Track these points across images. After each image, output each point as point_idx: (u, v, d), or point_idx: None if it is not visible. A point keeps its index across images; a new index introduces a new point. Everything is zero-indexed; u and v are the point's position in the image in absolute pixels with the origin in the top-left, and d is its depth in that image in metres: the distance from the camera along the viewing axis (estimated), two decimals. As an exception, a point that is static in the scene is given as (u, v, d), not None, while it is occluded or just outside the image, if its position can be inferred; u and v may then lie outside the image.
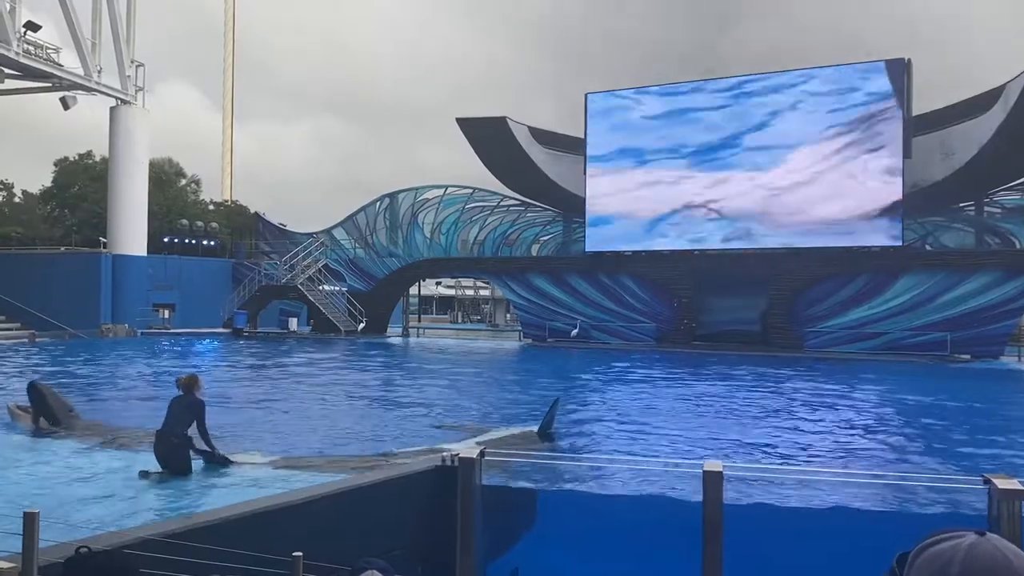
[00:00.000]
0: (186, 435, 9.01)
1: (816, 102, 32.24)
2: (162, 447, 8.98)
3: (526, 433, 11.85)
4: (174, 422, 9.06)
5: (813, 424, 14.22)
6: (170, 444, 8.96)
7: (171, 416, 9.14)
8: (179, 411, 9.14)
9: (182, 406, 9.17)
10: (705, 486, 6.38)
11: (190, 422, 9.04)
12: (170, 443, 8.96)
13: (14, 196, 60.70)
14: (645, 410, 16.03)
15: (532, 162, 37.55)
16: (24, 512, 3.80)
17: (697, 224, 34.24)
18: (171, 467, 8.86)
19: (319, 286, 41.06)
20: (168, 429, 9.03)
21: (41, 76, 35.66)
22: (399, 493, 7.20)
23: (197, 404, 9.19)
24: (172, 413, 9.16)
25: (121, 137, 39.85)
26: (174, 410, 9.18)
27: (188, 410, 9.12)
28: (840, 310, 31.97)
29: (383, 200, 42.79)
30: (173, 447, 8.95)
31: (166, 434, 9.01)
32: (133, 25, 40.32)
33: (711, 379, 22.07)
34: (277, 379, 21.16)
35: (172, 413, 9.16)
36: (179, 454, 8.96)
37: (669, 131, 34.88)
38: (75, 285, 37.67)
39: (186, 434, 9.02)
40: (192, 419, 9.06)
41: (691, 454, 10.66)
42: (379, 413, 15.00)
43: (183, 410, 9.13)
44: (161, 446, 8.99)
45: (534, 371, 24.63)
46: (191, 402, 9.19)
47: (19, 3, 33.50)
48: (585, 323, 35.79)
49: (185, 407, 9.15)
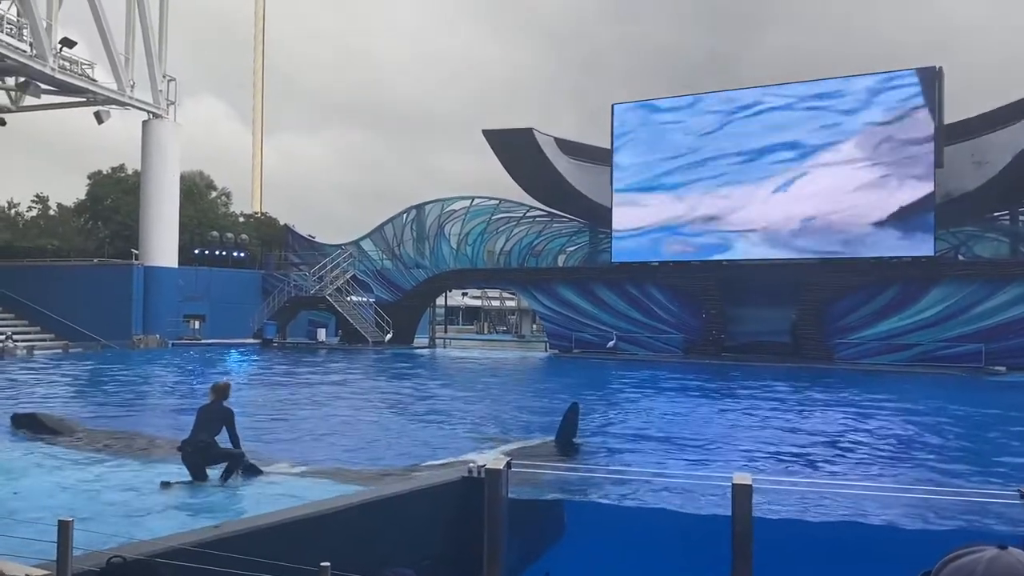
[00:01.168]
0: (211, 441, 9.05)
1: (845, 111, 31.96)
2: (188, 455, 9.05)
3: (546, 444, 11.80)
4: (200, 429, 9.10)
5: (850, 435, 14.04)
6: (197, 449, 9.03)
7: (199, 424, 9.18)
8: (207, 418, 9.18)
9: (211, 413, 9.21)
10: (734, 499, 6.31)
11: (218, 430, 9.09)
12: (199, 447, 9.03)
13: (49, 209, 61.83)
14: (675, 421, 15.92)
15: (558, 173, 37.58)
16: (58, 520, 3.85)
17: (725, 234, 34.03)
18: (196, 474, 8.94)
19: (347, 297, 41.33)
20: (194, 437, 9.08)
21: (76, 91, 36.32)
22: (426, 504, 7.20)
23: (226, 412, 9.24)
24: (200, 421, 9.21)
25: (153, 150, 40.45)
26: (202, 417, 9.22)
27: (217, 417, 9.16)
28: (871, 321, 31.58)
29: (410, 211, 43.02)
30: (199, 451, 9.02)
31: (191, 441, 9.07)
32: (165, 40, 40.98)
33: (742, 390, 21.86)
34: (306, 389, 21.29)
35: (200, 421, 9.21)
36: (199, 459, 9.01)
37: (696, 141, 34.74)
38: (108, 296, 38.20)
39: (211, 440, 9.05)
40: (220, 427, 9.10)
41: (722, 466, 10.56)
42: (405, 423, 15.04)
43: (212, 417, 9.17)
44: (187, 454, 9.06)
45: (560, 382, 24.55)
46: (220, 410, 9.24)
47: (55, 20, 34.19)
48: (626, 335, 35.53)
49: (214, 415, 9.19)
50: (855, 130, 31.68)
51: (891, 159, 31.08)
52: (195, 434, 9.11)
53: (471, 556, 6.75)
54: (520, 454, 10.57)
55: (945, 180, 30.80)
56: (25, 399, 17.80)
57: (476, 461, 8.11)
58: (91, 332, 36.28)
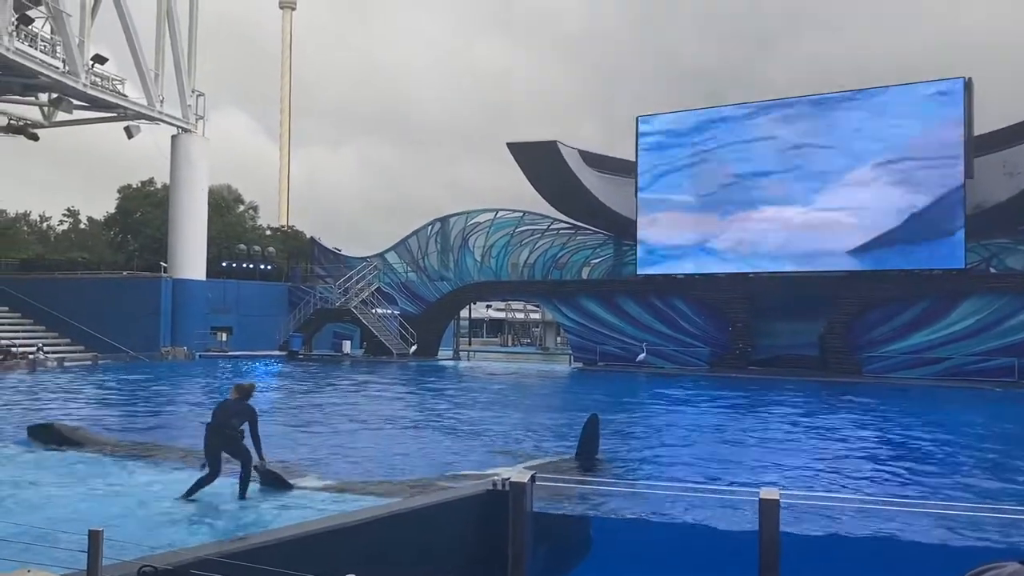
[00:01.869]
0: (241, 430, 8.96)
1: (874, 122, 31.67)
2: (216, 439, 8.92)
3: (569, 459, 11.74)
4: (227, 418, 9.01)
5: (881, 450, 13.86)
6: (224, 436, 8.92)
7: (221, 417, 9.06)
8: (230, 413, 9.08)
9: (234, 410, 9.10)
10: (761, 515, 6.25)
11: (243, 422, 9.02)
12: (224, 435, 8.92)
13: (80, 223, 62.91)
14: (701, 435, 15.80)
15: (583, 186, 37.57)
16: (89, 530, 3.90)
17: (752, 246, 33.79)
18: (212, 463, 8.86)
19: (372, 309, 41.54)
20: (221, 422, 8.96)
21: (107, 107, 36.93)
22: (451, 517, 7.19)
23: (251, 410, 9.16)
24: (222, 415, 9.09)
25: (182, 164, 41.00)
26: (225, 412, 9.11)
27: (240, 414, 9.06)
28: (900, 334, 31.20)
29: (434, 224, 43.20)
30: (228, 438, 8.92)
31: (219, 427, 8.94)
32: (194, 56, 41.59)
33: (771, 403, 21.66)
34: (331, 402, 21.39)
35: (222, 415, 9.09)
36: (235, 444, 8.94)
37: (721, 152, 34.60)
38: (136, 309, 38.68)
39: (241, 429, 8.97)
40: (245, 420, 9.02)
41: (750, 481, 10.45)
42: (429, 436, 15.04)
43: (234, 413, 9.06)
44: (215, 438, 8.92)
45: (586, 396, 24.47)
46: (244, 408, 9.14)
47: (88, 38, 34.82)
48: (656, 348, 35.32)
49: (239, 411, 9.08)
50: (884, 141, 31.37)
51: (921, 170, 30.73)
52: (219, 421, 9.00)
53: (496, 569, 6.73)
54: (545, 468, 10.54)
55: (975, 192, 30.43)
56: (53, 409, 18.05)
57: (501, 474, 8.10)
58: (120, 344, 36.74)
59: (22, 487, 9.41)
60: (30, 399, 20.27)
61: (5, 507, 8.26)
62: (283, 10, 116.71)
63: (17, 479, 9.82)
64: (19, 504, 8.51)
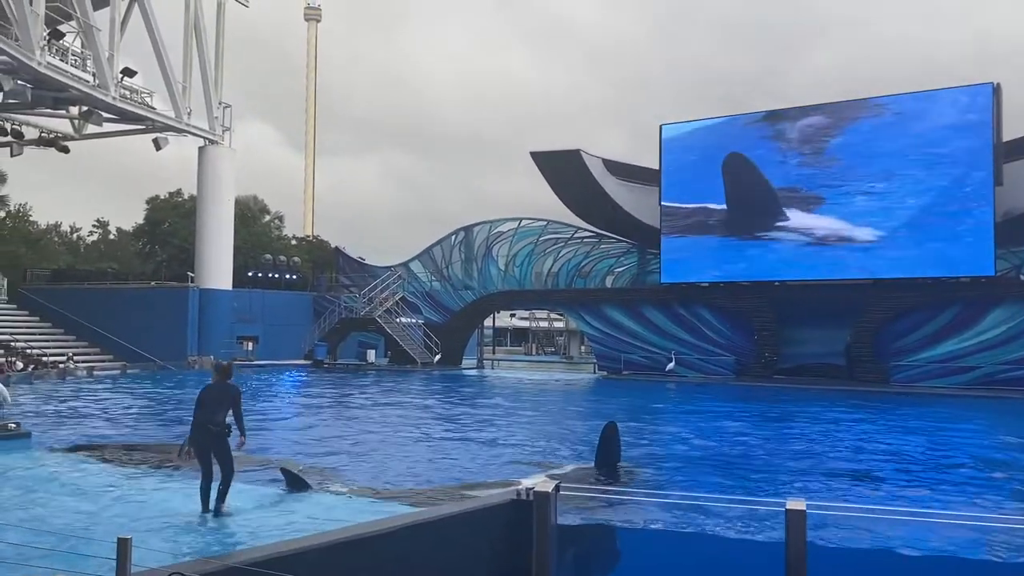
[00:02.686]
0: (226, 423, 8.69)
1: (900, 129, 31.35)
2: (202, 437, 8.65)
3: (588, 468, 11.69)
4: (212, 411, 8.69)
5: (913, 461, 13.68)
6: (210, 433, 8.64)
7: (207, 405, 8.75)
8: (218, 399, 8.77)
9: (220, 394, 8.81)
10: (787, 526, 6.20)
11: (228, 409, 8.75)
12: (209, 432, 8.63)
13: (109, 234, 63.82)
14: (729, 444, 15.67)
15: (606, 194, 37.51)
16: (118, 538, 3.95)
17: (777, 254, 33.52)
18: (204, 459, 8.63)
19: (396, 318, 41.72)
20: (207, 418, 8.66)
21: (136, 119, 37.45)
22: (474, 527, 7.19)
23: (234, 390, 8.90)
24: (208, 402, 8.78)
25: (208, 176, 41.47)
26: (211, 398, 8.80)
27: (226, 397, 8.78)
28: (929, 343, 30.81)
29: (458, 233, 43.33)
30: (214, 436, 8.64)
31: (204, 424, 8.65)
32: (220, 68, 42.10)
33: (798, 412, 21.46)
34: (356, 410, 21.49)
35: (208, 402, 8.78)
36: (221, 443, 8.67)
37: (745, 160, 34.40)
38: (164, 318, 39.13)
39: (226, 422, 8.69)
40: (230, 406, 8.77)
41: (778, 491, 10.36)
42: (453, 445, 15.05)
43: (222, 399, 8.77)
44: (200, 436, 8.66)
45: (610, 405, 24.38)
46: (228, 388, 8.88)
47: (117, 51, 35.36)
48: (681, 357, 35.10)
49: (223, 395, 8.81)
50: (910, 148, 31.03)
51: (948, 177, 30.38)
52: (206, 415, 8.67)
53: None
54: (566, 477, 10.52)
55: (1005, 198, 30.00)
56: (86, 417, 18.30)
57: (524, 484, 8.09)
58: (148, 353, 37.16)
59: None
60: (82, 405, 20.55)
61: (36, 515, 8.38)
62: (308, 22, 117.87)
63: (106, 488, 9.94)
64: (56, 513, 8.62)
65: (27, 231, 56.06)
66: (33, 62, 29.05)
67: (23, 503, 8.91)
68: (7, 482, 10.19)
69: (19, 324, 38.85)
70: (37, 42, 29.42)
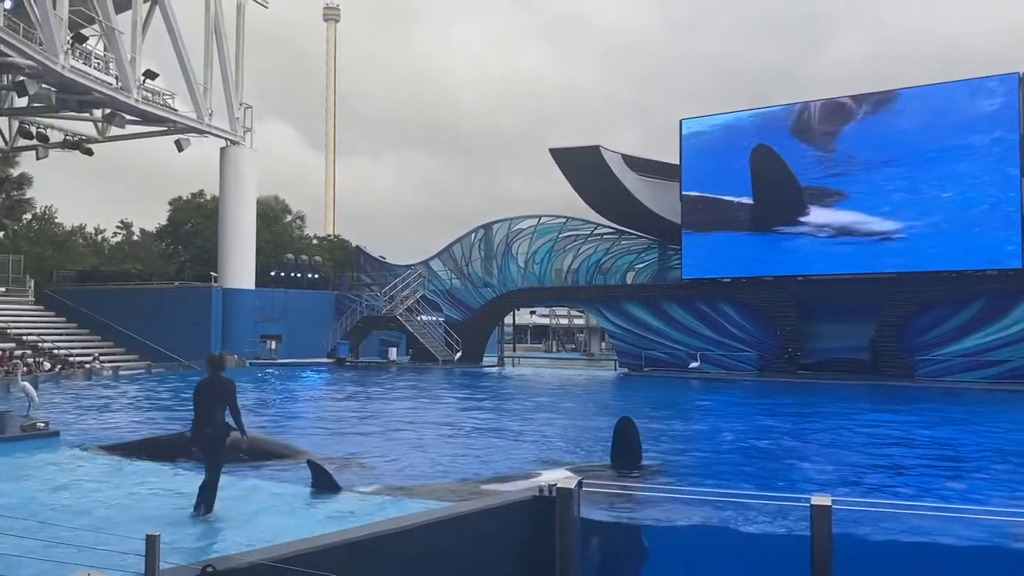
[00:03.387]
0: (224, 423, 8.39)
1: (924, 121, 30.99)
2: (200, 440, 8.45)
3: (603, 465, 11.61)
4: (209, 409, 8.39)
5: (944, 456, 13.55)
6: (205, 435, 8.38)
7: (204, 404, 8.45)
8: (211, 396, 8.44)
9: (216, 389, 8.47)
10: (813, 521, 6.15)
11: (224, 406, 8.43)
12: (205, 434, 8.38)
13: (133, 235, 64.45)
14: (754, 440, 15.58)
15: (626, 190, 37.36)
16: (146, 535, 3.99)
17: (799, 248, 33.25)
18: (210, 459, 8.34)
19: (417, 316, 41.84)
20: (203, 418, 8.37)
21: (158, 121, 37.80)
22: (496, 523, 7.20)
23: (229, 384, 8.50)
24: (204, 400, 8.47)
25: (230, 176, 41.77)
26: (208, 395, 8.47)
27: (222, 392, 8.44)
28: (955, 337, 30.46)
29: (478, 231, 43.37)
30: (209, 437, 8.38)
31: (200, 425, 8.40)
32: (241, 69, 42.40)
33: (822, 407, 21.31)
34: (379, 407, 21.58)
35: (204, 400, 8.47)
36: (217, 445, 8.38)
37: (771, 152, 34.13)
38: (188, 318, 39.50)
39: (224, 422, 8.39)
40: (226, 405, 8.43)
41: (808, 486, 10.28)
42: (475, 442, 15.08)
43: (218, 395, 8.43)
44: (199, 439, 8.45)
45: (632, 401, 24.32)
46: (223, 383, 8.51)
47: (139, 54, 35.70)
48: (704, 354, 34.93)
49: (220, 390, 8.46)
50: (934, 139, 30.67)
51: (973, 168, 30.00)
52: (203, 415, 8.39)
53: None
54: (588, 474, 10.49)
55: (1031, 189, 29.58)
56: (113, 416, 18.52)
57: (544, 477, 8.09)
58: (172, 352, 37.50)
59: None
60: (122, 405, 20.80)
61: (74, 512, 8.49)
62: (327, 22, 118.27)
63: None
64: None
65: (53, 233, 56.78)
66: (57, 66, 29.39)
67: (52, 501, 9.03)
68: (37, 480, 10.33)
69: (46, 325, 39.35)
70: (61, 46, 29.76)
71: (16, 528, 6.42)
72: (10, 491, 9.48)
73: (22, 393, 17.63)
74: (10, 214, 52.11)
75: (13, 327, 36.46)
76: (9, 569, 5.60)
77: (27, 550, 6.09)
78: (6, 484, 9.91)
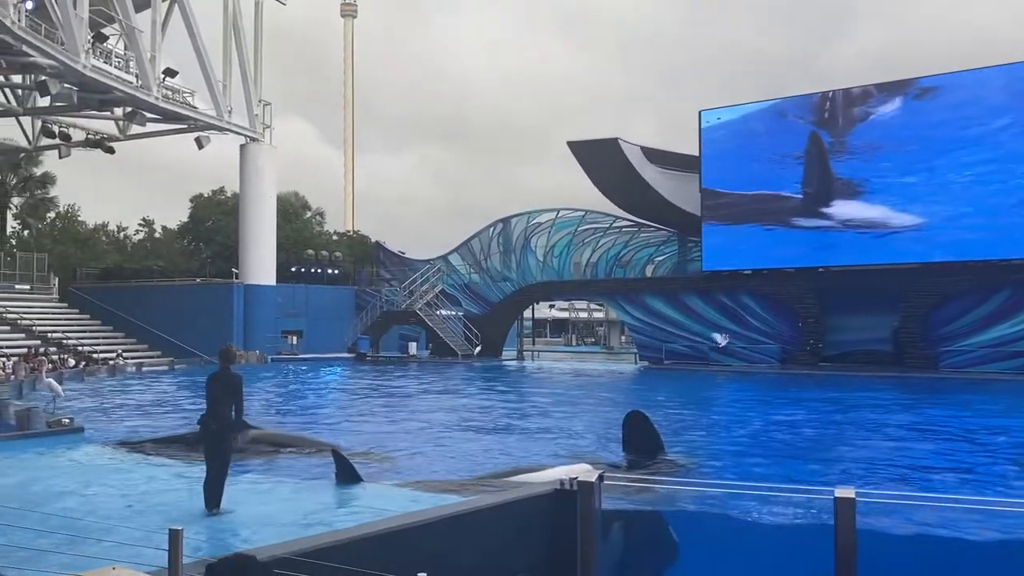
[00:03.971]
0: (229, 418, 8.28)
1: (947, 109, 30.58)
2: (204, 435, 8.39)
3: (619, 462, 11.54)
4: (217, 403, 8.29)
5: (969, 449, 13.40)
6: (210, 431, 8.28)
7: (212, 397, 8.36)
8: (221, 389, 8.33)
9: (226, 384, 8.36)
10: (836, 513, 6.09)
11: (231, 402, 8.30)
12: (210, 429, 8.28)
13: (154, 232, 64.93)
14: (778, 432, 15.48)
15: (645, 182, 37.19)
16: (169, 529, 4.01)
17: (820, 239, 32.94)
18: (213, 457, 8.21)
19: (436, 311, 41.92)
20: (209, 413, 8.30)
21: (178, 119, 38.03)
22: (518, 516, 7.19)
23: (237, 379, 8.43)
24: (213, 393, 8.37)
25: (250, 173, 42.01)
26: (218, 389, 8.35)
27: (230, 386, 8.34)
28: (980, 327, 30.09)
29: (496, 225, 43.35)
30: (213, 433, 8.27)
31: (206, 421, 8.33)
32: (260, 67, 42.60)
33: (847, 400, 21.12)
34: (400, 401, 21.65)
35: (213, 393, 8.37)
36: (221, 441, 8.24)
37: (787, 145, 33.85)
38: (210, 314, 39.81)
39: (229, 416, 8.28)
40: (232, 401, 8.30)
41: (838, 479, 10.19)
42: (495, 437, 15.08)
43: (228, 389, 8.32)
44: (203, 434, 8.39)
45: (653, 395, 24.23)
46: (232, 377, 8.42)
47: (158, 52, 35.93)
48: (717, 347, 34.77)
49: (229, 384, 8.35)
50: (961, 127, 30.24)
51: (997, 156, 29.54)
52: (210, 410, 8.31)
53: (565, 570, 6.70)
54: (603, 467, 10.44)
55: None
56: (137, 412, 18.69)
57: (558, 470, 8.07)
58: (194, 348, 37.80)
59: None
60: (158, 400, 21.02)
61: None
62: (344, 18, 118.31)
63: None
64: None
65: (76, 231, 57.34)
66: (78, 65, 29.62)
67: (77, 495, 9.12)
68: (62, 474, 10.44)
69: (70, 322, 39.81)
70: (82, 45, 29.98)
71: (40, 523, 6.48)
72: (35, 486, 9.58)
73: (47, 390, 17.84)
74: (34, 213, 52.73)
75: (38, 324, 36.90)
76: (34, 563, 5.65)
77: (51, 544, 6.15)
78: (31, 479, 10.02)
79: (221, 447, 8.28)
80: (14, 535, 5.59)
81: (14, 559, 5.83)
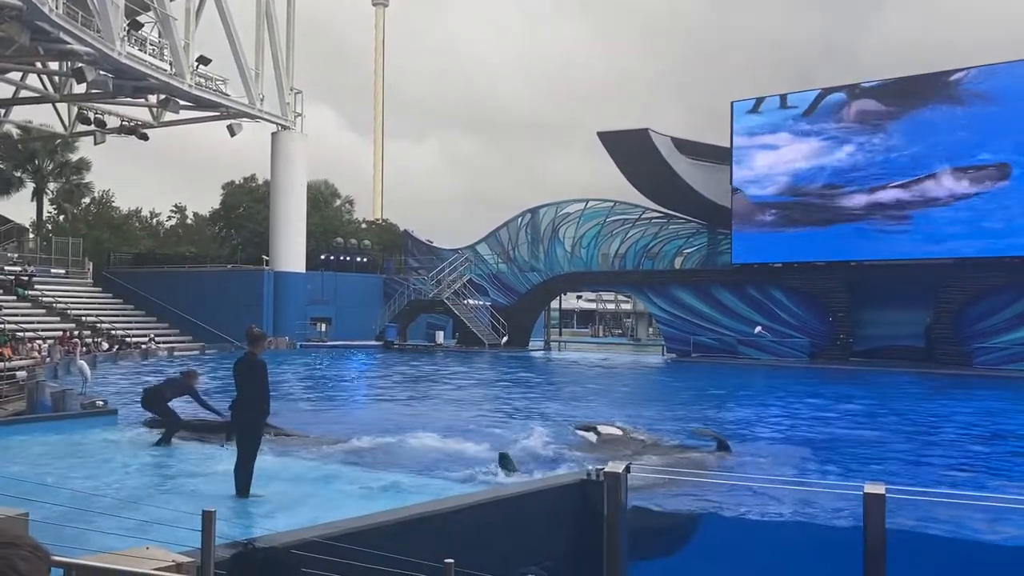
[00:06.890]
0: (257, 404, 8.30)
1: (980, 102, 30.04)
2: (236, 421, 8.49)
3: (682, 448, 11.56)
4: (244, 389, 8.34)
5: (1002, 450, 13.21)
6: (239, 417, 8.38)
7: (239, 384, 8.41)
8: (245, 375, 8.38)
9: (253, 368, 8.38)
10: (865, 510, 6.04)
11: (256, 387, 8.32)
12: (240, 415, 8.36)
13: (187, 218, 65.69)
14: (810, 427, 15.35)
15: (676, 173, 36.90)
16: (203, 511, 4.07)
17: (852, 233, 32.53)
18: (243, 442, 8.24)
19: (464, 300, 42.01)
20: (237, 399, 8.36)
21: (211, 106, 38.40)
22: (545, 505, 7.22)
23: (263, 365, 8.43)
24: (239, 380, 8.42)
25: (281, 161, 42.31)
26: (241, 374, 8.41)
27: (254, 372, 8.34)
28: (1014, 324, 29.58)
29: (524, 215, 43.31)
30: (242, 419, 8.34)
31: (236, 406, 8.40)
32: (291, 55, 42.81)
33: (878, 395, 20.89)
34: (427, 388, 21.76)
35: (239, 380, 8.42)
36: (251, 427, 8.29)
37: (817, 136, 33.45)
38: (240, 300, 40.19)
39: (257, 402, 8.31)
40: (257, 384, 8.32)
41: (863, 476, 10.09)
42: (521, 425, 15.09)
43: (255, 373, 8.35)
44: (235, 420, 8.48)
45: (683, 387, 24.13)
46: (259, 363, 8.41)
47: (192, 40, 36.27)
48: (746, 340, 34.57)
49: (256, 368, 8.37)
50: (991, 121, 29.68)
51: (1036, 151, 29.00)
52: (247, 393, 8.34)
53: (591, 559, 6.72)
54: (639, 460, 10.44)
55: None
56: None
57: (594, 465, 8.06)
58: (225, 334, 38.19)
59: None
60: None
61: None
62: (376, 7, 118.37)
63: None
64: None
65: (110, 217, 58.11)
66: (114, 53, 29.97)
67: (111, 477, 9.27)
68: (96, 456, 10.63)
69: (104, 306, 40.39)
70: (117, 33, 30.33)
71: (76, 503, 6.60)
72: (71, 467, 9.76)
73: (79, 373, 18.12)
74: (70, 198, 53.54)
75: (73, 308, 37.49)
76: (72, 540, 5.76)
77: (87, 524, 6.27)
78: (66, 460, 10.21)
79: (251, 432, 8.35)
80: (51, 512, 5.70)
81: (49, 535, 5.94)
